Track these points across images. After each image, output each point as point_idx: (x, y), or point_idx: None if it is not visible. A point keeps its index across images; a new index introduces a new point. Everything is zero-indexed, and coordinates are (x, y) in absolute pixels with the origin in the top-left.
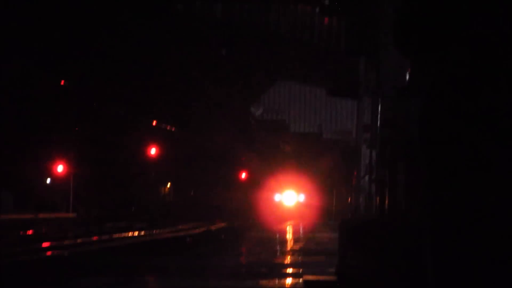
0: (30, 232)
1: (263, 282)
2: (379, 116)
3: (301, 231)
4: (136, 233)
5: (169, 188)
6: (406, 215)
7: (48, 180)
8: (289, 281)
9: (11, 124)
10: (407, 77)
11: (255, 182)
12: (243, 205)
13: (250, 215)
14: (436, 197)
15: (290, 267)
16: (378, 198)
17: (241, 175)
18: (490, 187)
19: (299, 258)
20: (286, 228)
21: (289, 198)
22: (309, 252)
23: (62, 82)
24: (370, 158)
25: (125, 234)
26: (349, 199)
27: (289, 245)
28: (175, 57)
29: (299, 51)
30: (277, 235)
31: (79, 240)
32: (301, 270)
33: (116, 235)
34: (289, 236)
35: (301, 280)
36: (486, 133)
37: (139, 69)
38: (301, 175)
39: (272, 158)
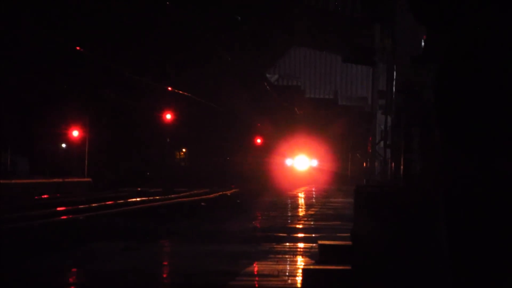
0: (45, 196)
1: (278, 246)
2: (394, 82)
3: (314, 196)
4: (151, 198)
5: (184, 153)
6: (421, 181)
7: (64, 145)
8: (302, 245)
9: (25, 90)
10: (423, 43)
11: (270, 148)
12: (258, 171)
13: (265, 180)
14: (451, 162)
15: (303, 232)
16: (393, 164)
17: (256, 141)
18: (505, 152)
19: (313, 223)
20: (299, 193)
21: (302, 163)
22: (324, 217)
23: (78, 47)
24: (386, 124)
25: (140, 199)
26: (364, 164)
27: (303, 210)
28: (188, 21)
29: (314, 17)
30: (290, 201)
31: (93, 205)
32: (313, 235)
33: (131, 200)
34: (302, 201)
35: (316, 244)
36: (502, 99)
37: (152, 33)
38: (314, 140)
39: (286, 124)
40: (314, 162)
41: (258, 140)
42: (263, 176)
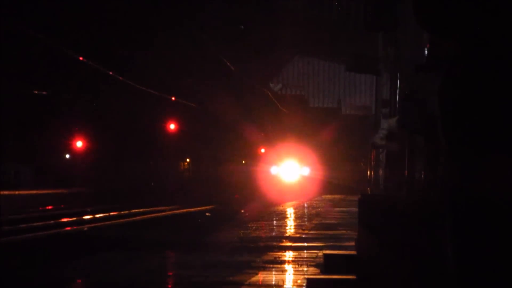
0: (49, 207)
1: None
2: (398, 91)
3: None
4: (153, 209)
5: (188, 163)
6: (425, 188)
7: (68, 156)
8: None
9: (29, 100)
10: (426, 52)
11: (275, 158)
12: (264, 181)
13: (269, 192)
14: (457, 172)
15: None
16: (396, 171)
17: (260, 151)
18: (506, 159)
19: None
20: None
21: (292, 172)
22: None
23: (81, 58)
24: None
25: (143, 210)
26: (368, 172)
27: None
28: (191, 31)
29: (318, 26)
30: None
31: (98, 216)
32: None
33: (134, 210)
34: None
35: (320, 253)
36: (504, 109)
37: (154, 44)
38: (314, 149)
39: (294, 132)
40: (306, 170)
41: (263, 150)
42: (272, 188)
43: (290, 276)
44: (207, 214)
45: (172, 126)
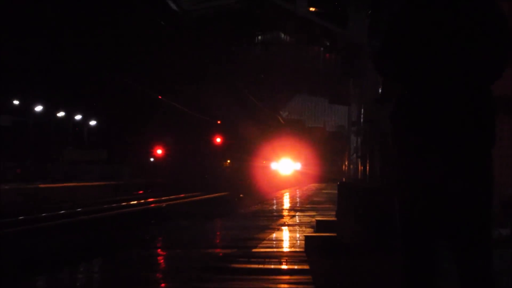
0: (140, 192)
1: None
2: (362, 116)
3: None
4: (204, 195)
5: (228, 163)
6: (380, 180)
7: (152, 159)
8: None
9: (125, 123)
10: (380, 90)
11: (274, 157)
12: (268, 174)
13: (272, 181)
14: (400, 169)
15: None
16: (361, 168)
17: (267, 154)
18: (428, 163)
19: (309, 205)
20: (294, 192)
21: (286, 166)
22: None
23: (160, 96)
24: (357, 143)
25: (197, 193)
26: (343, 167)
27: (298, 201)
28: (231, 80)
29: (312, 75)
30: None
31: (171, 197)
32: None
33: (192, 194)
34: (298, 193)
35: (313, 219)
36: (429, 129)
37: (206, 82)
38: (305, 152)
39: (293, 145)
40: (298, 166)
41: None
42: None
43: (294, 234)
44: (241, 195)
45: (218, 140)
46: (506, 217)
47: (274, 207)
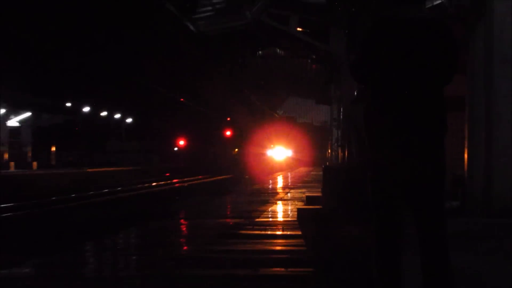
0: (167, 174)
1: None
2: (341, 113)
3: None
4: (218, 177)
5: (236, 151)
6: (356, 163)
7: (176, 149)
8: (292, 195)
9: (155, 120)
10: (355, 93)
11: (269, 145)
12: (264, 160)
13: (267, 166)
14: (371, 155)
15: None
16: (341, 154)
17: (263, 142)
18: (394, 149)
19: (300, 184)
20: (287, 173)
21: (279, 153)
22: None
23: (182, 99)
24: (337, 134)
25: (211, 175)
26: (327, 154)
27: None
28: (237, 85)
29: (302, 81)
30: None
31: (191, 178)
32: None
33: (208, 175)
34: (290, 175)
35: (304, 195)
36: (394, 122)
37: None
38: (295, 142)
39: (287, 136)
40: (290, 152)
41: (271, 146)
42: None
43: (288, 206)
44: (246, 176)
45: (228, 133)
46: (456, 192)
47: (272, 185)
